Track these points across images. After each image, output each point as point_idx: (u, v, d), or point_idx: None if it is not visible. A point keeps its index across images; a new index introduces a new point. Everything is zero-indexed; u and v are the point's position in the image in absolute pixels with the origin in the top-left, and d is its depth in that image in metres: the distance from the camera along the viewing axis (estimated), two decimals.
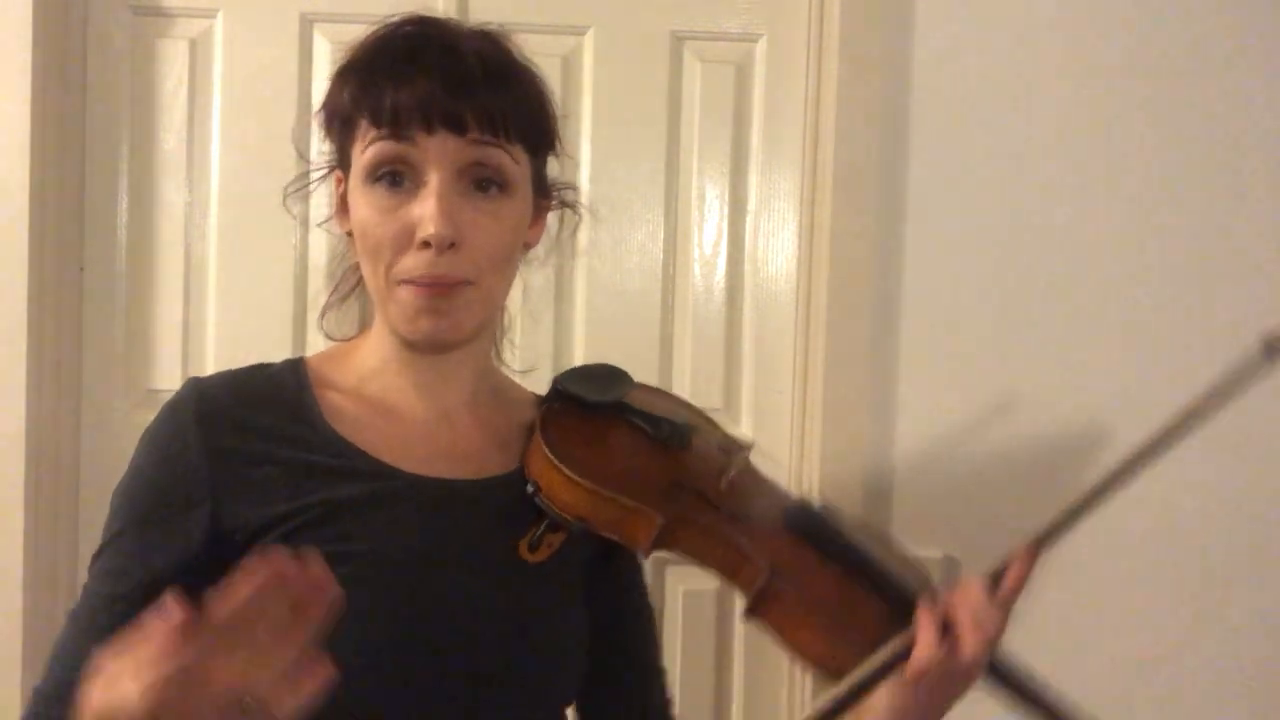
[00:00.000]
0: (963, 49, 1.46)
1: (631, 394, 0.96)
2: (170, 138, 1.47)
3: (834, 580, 0.89)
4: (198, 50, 1.47)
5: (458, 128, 0.79)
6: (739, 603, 0.88)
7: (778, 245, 1.51)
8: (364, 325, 0.96)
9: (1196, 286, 1.48)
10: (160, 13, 1.46)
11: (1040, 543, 0.90)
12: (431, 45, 0.82)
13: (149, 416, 1.10)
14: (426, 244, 0.79)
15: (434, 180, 0.80)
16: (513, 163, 0.83)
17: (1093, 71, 1.47)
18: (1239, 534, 1.49)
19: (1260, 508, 1.48)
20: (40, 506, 1.42)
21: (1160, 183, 1.48)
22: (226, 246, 1.47)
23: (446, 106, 0.79)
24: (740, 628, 1.51)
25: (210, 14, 1.46)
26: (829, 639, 0.84)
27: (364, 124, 0.82)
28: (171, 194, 1.48)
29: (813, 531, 0.92)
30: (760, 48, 1.51)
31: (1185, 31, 1.47)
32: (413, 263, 0.80)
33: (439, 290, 0.81)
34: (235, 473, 0.80)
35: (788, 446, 1.50)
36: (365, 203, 0.82)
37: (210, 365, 1.48)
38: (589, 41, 1.49)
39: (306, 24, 1.46)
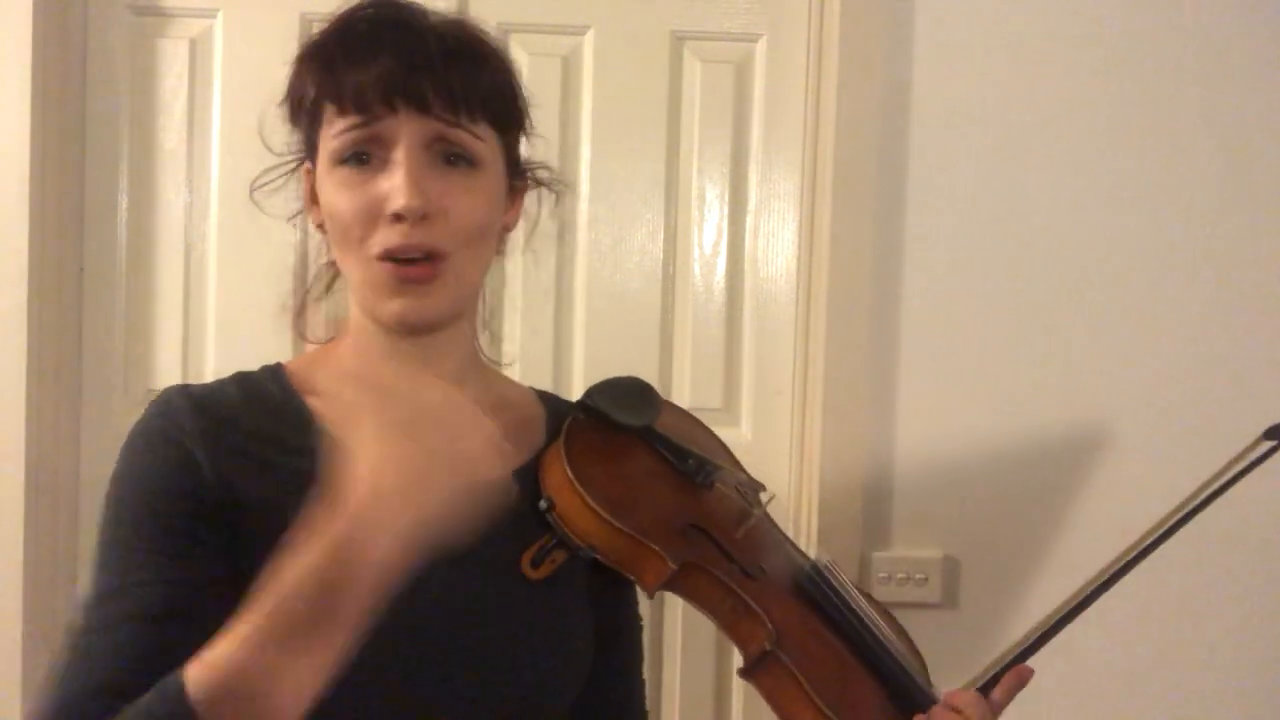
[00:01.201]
0: (963, 49, 1.46)
1: (661, 418, 0.93)
2: (170, 138, 1.47)
3: (836, 655, 0.87)
4: (198, 50, 1.47)
5: (420, 105, 0.79)
6: (736, 658, 0.86)
7: (778, 245, 1.51)
8: (338, 327, 0.94)
9: (1197, 286, 1.48)
10: (160, 13, 1.46)
11: (1031, 652, 0.88)
12: (389, 25, 0.81)
13: None
14: (398, 217, 0.78)
15: (401, 152, 0.79)
16: (479, 140, 0.82)
17: (1092, 71, 1.47)
18: (1235, 534, 1.48)
19: (1258, 506, 1.48)
20: (40, 506, 1.42)
21: (1161, 181, 1.48)
22: (226, 246, 1.47)
23: (407, 83, 0.78)
24: None
25: (210, 14, 1.46)
26: (821, 717, 0.82)
27: (329, 109, 0.81)
28: (171, 194, 1.48)
29: (823, 599, 0.90)
30: (760, 48, 1.51)
31: (1187, 30, 1.47)
32: (384, 236, 0.79)
33: (415, 274, 0.80)
34: (237, 477, 0.78)
35: (788, 446, 1.50)
36: (334, 183, 0.81)
37: (210, 365, 1.47)
38: (589, 41, 1.49)
39: (306, 24, 1.46)
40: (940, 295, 1.47)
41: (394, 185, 0.78)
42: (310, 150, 0.86)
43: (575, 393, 1.00)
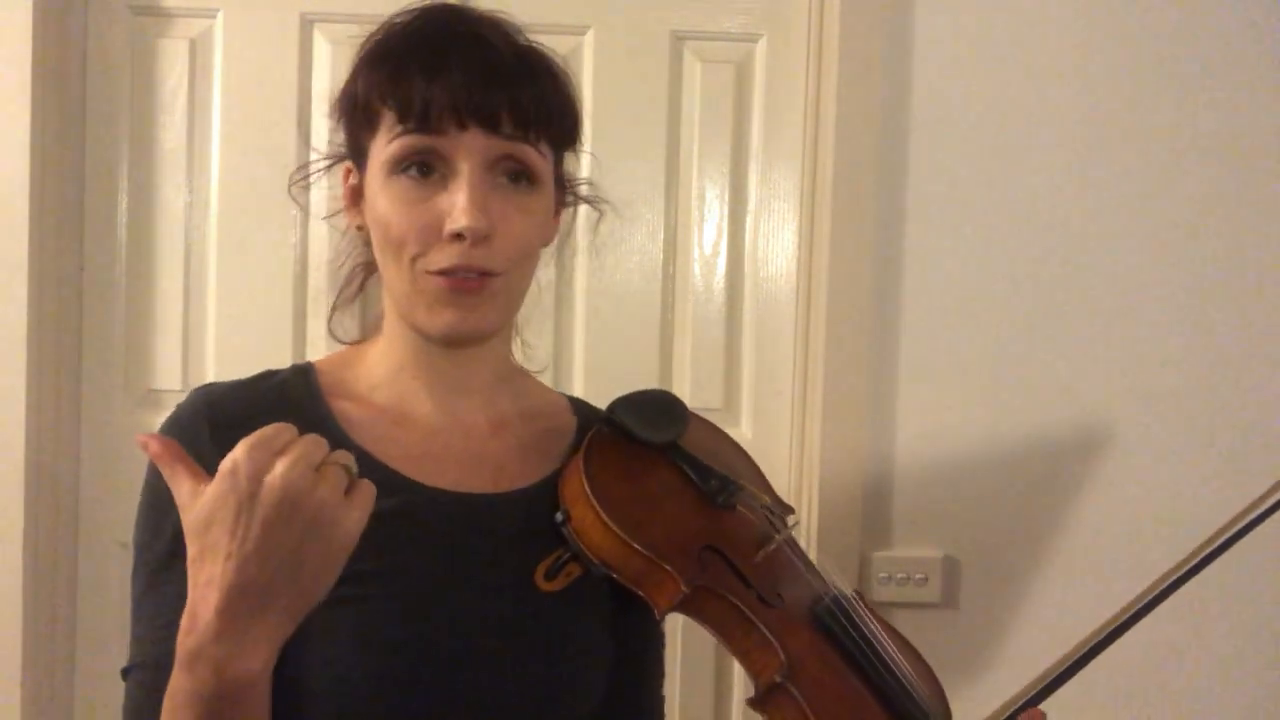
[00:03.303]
0: (963, 49, 1.46)
1: (687, 433, 0.90)
2: (170, 138, 1.47)
3: (851, 691, 0.85)
4: (198, 50, 1.47)
5: (491, 124, 0.77)
6: (747, 683, 0.84)
7: (778, 245, 1.51)
8: (369, 328, 0.94)
9: (1197, 286, 1.48)
10: (160, 13, 1.46)
11: (1044, 696, 0.85)
12: (462, 35, 0.80)
13: (149, 416, 1.08)
14: (459, 236, 0.77)
15: (465, 171, 0.78)
16: (540, 158, 0.81)
17: (1092, 71, 1.47)
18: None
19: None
20: (40, 506, 1.42)
21: (1161, 182, 1.48)
22: (226, 246, 1.47)
23: (480, 101, 0.77)
24: None
25: (210, 14, 1.46)
26: None
27: (389, 116, 0.79)
28: (171, 194, 1.48)
29: (842, 633, 0.87)
30: (760, 48, 1.50)
31: (1187, 31, 1.47)
32: (442, 255, 0.78)
33: (468, 285, 0.79)
34: None
35: (788, 446, 1.50)
36: (390, 195, 0.79)
37: (210, 365, 1.47)
38: (589, 41, 1.49)
39: (306, 24, 1.46)
40: (940, 295, 1.47)
41: (457, 205, 0.77)
42: (356, 153, 0.84)
43: (575, 394, 1.00)
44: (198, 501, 0.63)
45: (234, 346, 1.47)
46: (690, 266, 1.52)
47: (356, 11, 1.42)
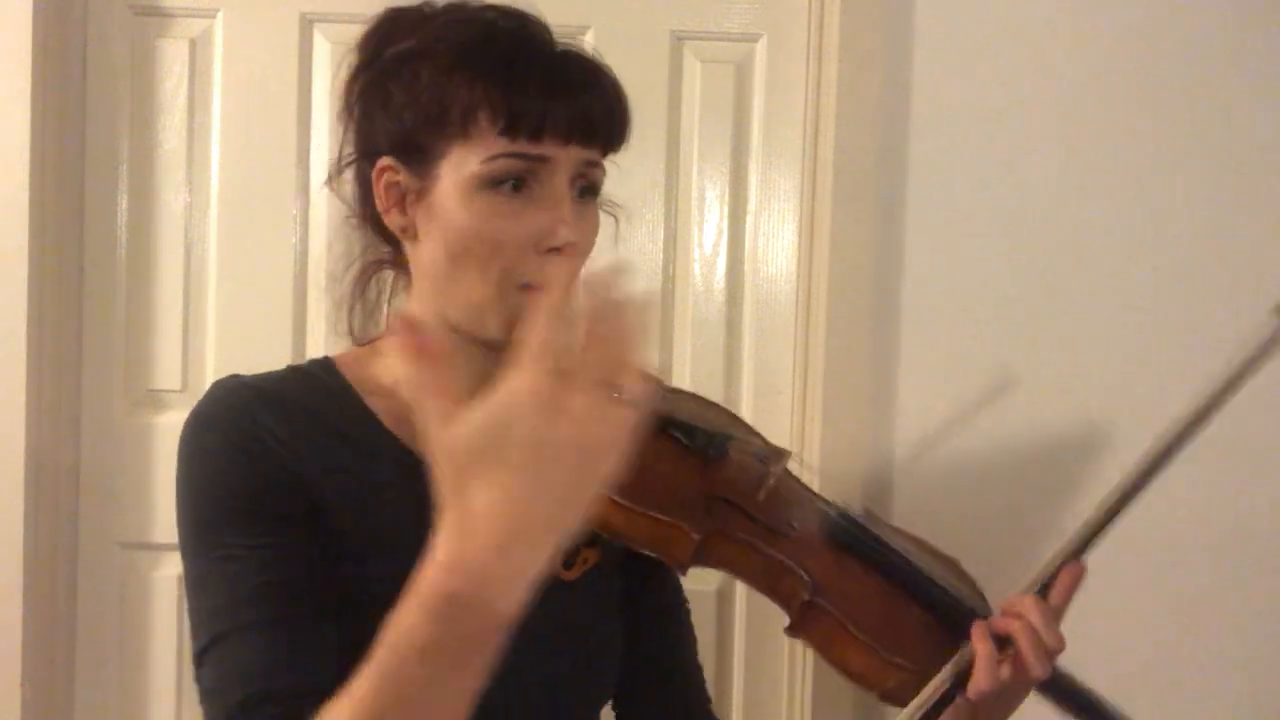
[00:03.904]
0: (963, 49, 1.46)
1: (667, 403, 0.94)
2: (170, 138, 1.47)
3: (879, 594, 0.89)
4: (198, 50, 1.47)
5: (588, 139, 0.80)
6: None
7: (778, 245, 1.51)
8: (365, 327, 0.94)
9: (1197, 285, 1.48)
10: (160, 13, 1.46)
11: (1083, 549, 0.89)
12: (559, 47, 0.82)
13: (149, 416, 1.07)
14: (555, 249, 0.79)
15: (563, 187, 0.80)
16: (603, 171, 0.85)
17: (1092, 71, 1.47)
18: (1238, 534, 1.48)
19: (1258, 507, 1.48)
20: (40, 507, 1.42)
21: (1161, 180, 1.48)
22: (226, 246, 1.47)
23: (586, 118, 0.79)
24: (741, 628, 1.51)
25: (210, 14, 1.46)
26: (875, 656, 0.84)
27: (489, 128, 0.78)
28: (171, 194, 1.48)
29: (856, 542, 0.91)
30: (760, 48, 1.51)
31: (1186, 30, 1.47)
32: (537, 266, 0.79)
33: None
34: (308, 458, 0.78)
35: (787, 446, 1.50)
36: (480, 207, 0.79)
37: (210, 365, 1.47)
38: (588, 41, 1.48)
39: (306, 24, 1.46)
40: (940, 295, 1.47)
41: (559, 220, 0.79)
42: (413, 153, 0.81)
43: None
44: (467, 424, 0.54)
45: (234, 346, 1.47)
46: (690, 266, 1.52)
47: (356, 11, 1.41)
